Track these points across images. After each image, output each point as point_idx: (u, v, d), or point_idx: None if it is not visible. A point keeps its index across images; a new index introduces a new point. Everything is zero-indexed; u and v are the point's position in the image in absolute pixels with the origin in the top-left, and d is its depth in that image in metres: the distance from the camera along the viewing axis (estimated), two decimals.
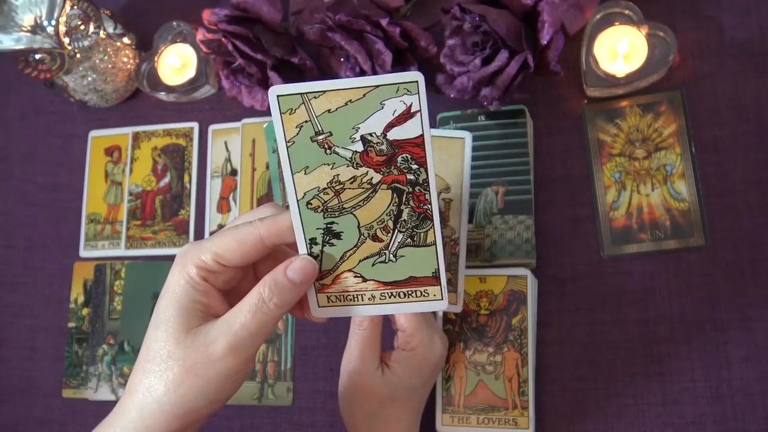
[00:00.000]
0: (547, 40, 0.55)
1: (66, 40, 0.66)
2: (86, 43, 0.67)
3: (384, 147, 0.37)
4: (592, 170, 0.59)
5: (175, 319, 0.37)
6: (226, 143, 0.68)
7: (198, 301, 0.38)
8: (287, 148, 0.37)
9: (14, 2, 0.64)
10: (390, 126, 0.36)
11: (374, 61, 0.60)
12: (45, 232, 0.72)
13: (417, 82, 0.35)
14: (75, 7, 0.66)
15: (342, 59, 0.63)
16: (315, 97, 0.36)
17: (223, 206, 0.67)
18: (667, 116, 0.58)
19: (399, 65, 0.60)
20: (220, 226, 0.67)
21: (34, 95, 0.76)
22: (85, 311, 0.69)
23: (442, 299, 0.40)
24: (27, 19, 0.65)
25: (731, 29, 0.59)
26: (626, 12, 0.58)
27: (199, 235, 0.67)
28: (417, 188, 0.38)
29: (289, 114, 0.36)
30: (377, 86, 0.35)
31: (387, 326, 0.52)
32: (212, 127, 0.69)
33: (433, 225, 0.38)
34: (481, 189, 0.59)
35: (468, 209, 0.48)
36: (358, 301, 0.40)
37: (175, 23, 0.69)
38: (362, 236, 0.39)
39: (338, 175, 0.38)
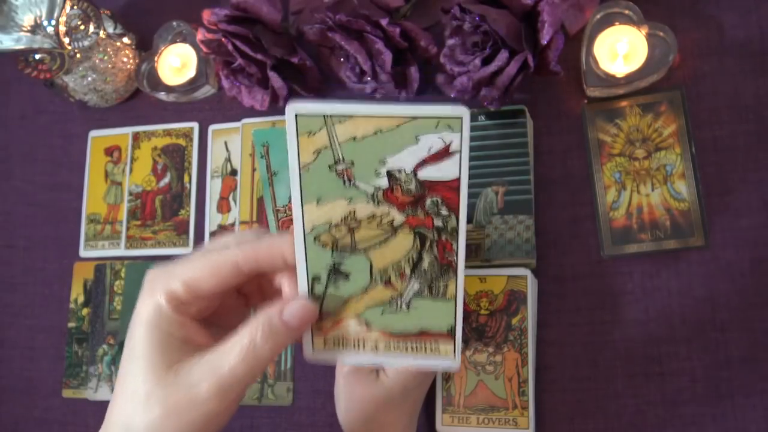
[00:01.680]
0: (547, 40, 0.55)
1: (66, 40, 0.66)
2: (86, 43, 0.67)
3: (413, 186, 0.33)
4: (592, 170, 0.59)
5: (151, 355, 0.34)
6: (226, 143, 0.68)
7: (173, 335, 0.34)
8: (300, 174, 0.33)
9: (14, 2, 0.64)
10: (423, 164, 0.32)
11: (374, 61, 0.60)
12: (45, 232, 0.72)
13: (461, 118, 0.31)
14: (75, 7, 0.66)
15: (342, 59, 0.63)
16: (340, 122, 0.31)
17: (223, 206, 0.67)
18: (667, 116, 0.58)
19: (399, 65, 0.60)
20: (221, 226, 0.67)
21: (34, 95, 0.76)
22: (85, 311, 0.68)
23: (455, 358, 0.36)
24: (27, 19, 0.65)
25: (731, 29, 0.59)
26: (626, 12, 0.58)
27: (199, 235, 0.67)
28: (444, 236, 0.34)
29: (308, 136, 0.32)
30: (414, 118, 0.31)
31: None
32: (212, 127, 0.69)
33: (456, 278, 0.34)
34: (481, 189, 0.59)
35: (465, 211, 0.46)
36: (359, 348, 0.36)
37: (175, 23, 0.69)
38: (374, 281, 0.35)
39: (355, 210, 0.34)
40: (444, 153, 0.32)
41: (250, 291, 0.37)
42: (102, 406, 0.66)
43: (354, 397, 0.49)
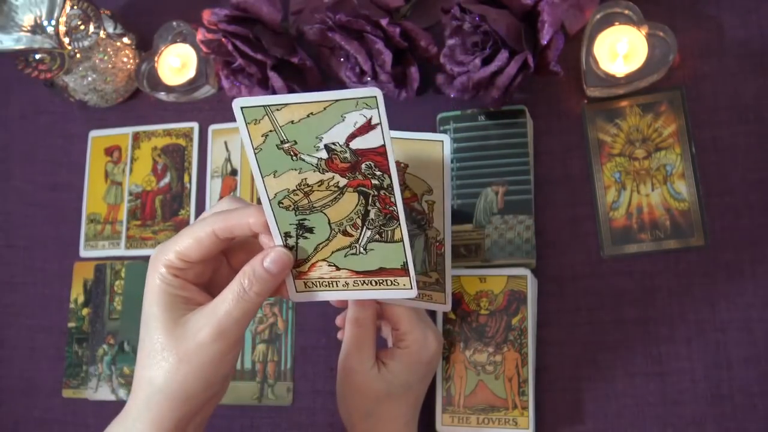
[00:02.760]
0: (547, 40, 0.55)
1: (66, 40, 0.66)
2: (86, 43, 0.67)
3: (348, 155, 0.39)
4: (592, 170, 0.59)
5: (160, 314, 0.40)
6: (226, 143, 0.68)
7: (177, 295, 0.41)
8: (255, 154, 0.40)
9: (14, 2, 0.64)
10: (352, 137, 0.38)
11: (374, 61, 0.60)
12: (45, 232, 0.72)
13: (375, 97, 0.37)
14: (75, 7, 0.66)
15: (342, 59, 0.63)
16: (278, 109, 0.38)
17: None
18: (667, 116, 0.58)
19: (399, 65, 0.61)
20: None
21: (34, 95, 0.76)
22: (85, 311, 0.69)
23: (412, 288, 0.43)
24: (27, 19, 0.65)
25: (731, 29, 0.59)
26: (626, 12, 0.58)
27: None
28: (382, 192, 0.40)
29: (254, 124, 0.39)
30: (336, 101, 0.37)
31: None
32: (212, 127, 0.69)
33: (399, 224, 0.41)
34: (481, 189, 0.59)
35: (450, 211, 0.49)
36: (333, 287, 0.43)
37: (175, 23, 0.69)
38: (333, 231, 0.42)
39: (306, 178, 0.40)
40: (367, 126, 0.38)
41: (241, 264, 0.42)
42: (102, 406, 0.66)
43: (355, 393, 0.49)
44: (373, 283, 0.43)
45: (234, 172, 0.67)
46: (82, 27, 0.67)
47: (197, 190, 0.69)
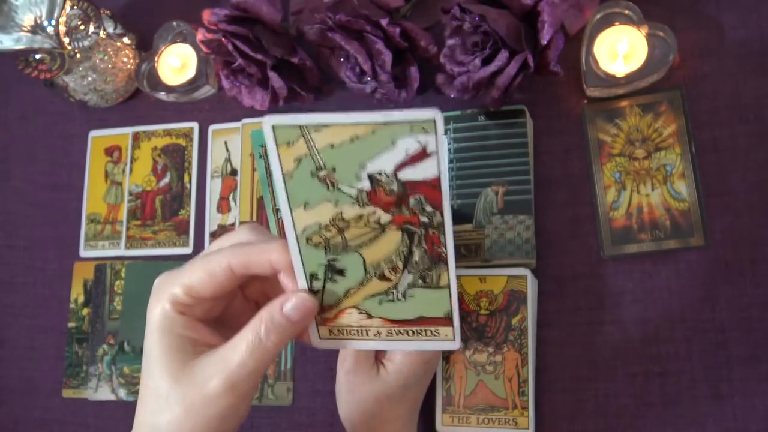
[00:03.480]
0: (547, 40, 0.55)
1: (66, 40, 0.66)
2: (86, 43, 0.67)
3: (394, 187, 0.34)
4: (592, 170, 0.59)
5: (165, 357, 0.36)
6: (226, 143, 0.68)
7: (183, 336, 0.36)
8: (285, 182, 0.34)
9: (14, 2, 0.64)
10: (402, 166, 0.33)
11: (374, 61, 0.60)
12: (45, 232, 0.72)
13: (434, 120, 0.31)
14: (75, 7, 0.66)
15: (342, 59, 0.63)
16: (316, 130, 0.32)
17: (224, 206, 0.67)
18: (667, 116, 0.58)
19: (399, 65, 0.61)
20: (221, 227, 0.67)
21: (34, 95, 0.76)
22: (85, 311, 0.69)
23: (454, 340, 0.38)
24: (27, 19, 0.65)
25: (731, 29, 0.59)
26: (626, 12, 0.58)
27: (199, 235, 0.67)
28: (431, 230, 0.35)
29: (287, 147, 0.33)
30: (387, 123, 0.32)
31: None
32: (212, 127, 0.69)
33: (447, 268, 0.36)
34: (481, 189, 0.59)
35: (450, 212, 0.45)
36: (362, 336, 0.39)
37: (175, 23, 0.69)
38: (368, 275, 0.37)
39: (342, 212, 0.35)
40: (421, 155, 0.32)
41: (257, 295, 0.38)
42: (102, 406, 0.67)
43: (355, 393, 0.49)
44: (411, 333, 0.38)
45: (234, 172, 0.67)
46: (82, 27, 0.66)
47: (197, 190, 0.69)
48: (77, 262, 0.70)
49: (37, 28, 0.65)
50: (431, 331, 0.38)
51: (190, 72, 0.68)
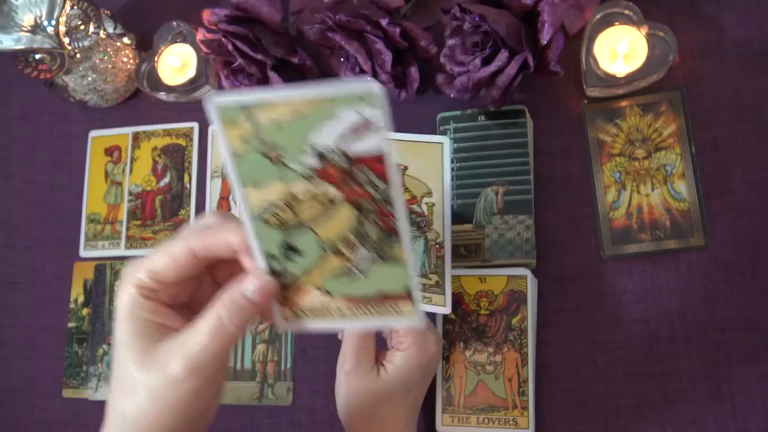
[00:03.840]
0: (547, 40, 0.55)
1: (66, 40, 0.66)
2: (86, 43, 0.67)
3: (342, 162, 0.33)
4: (592, 170, 0.59)
5: (130, 341, 0.36)
6: None
7: (149, 320, 0.36)
8: (234, 162, 0.34)
9: (14, 2, 0.64)
10: (346, 139, 0.32)
11: (374, 61, 0.60)
12: (45, 232, 0.72)
13: (376, 94, 0.30)
14: (75, 7, 0.66)
15: (342, 59, 0.63)
16: (261, 109, 0.32)
17: (223, 206, 0.67)
18: (667, 116, 0.58)
19: (399, 65, 0.61)
20: None
21: (34, 95, 0.76)
22: (85, 311, 0.69)
23: (415, 315, 0.37)
24: (27, 19, 0.65)
25: (731, 29, 0.59)
26: (626, 12, 0.58)
27: None
28: (381, 205, 0.34)
29: (233, 126, 0.33)
30: (331, 98, 0.31)
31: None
32: (212, 127, 0.69)
33: (401, 242, 0.35)
34: (481, 189, 0.59)
35: (450, 213, 0.46)
36: (327, 315, 0.38)
37: (175, 23, 0.69)
38: (324, 252, 0.36)
39: (293, 190, 0.35)
40: (365, 127, 0.32)
41: (226, 279, 0.38)
42: (102, 406, 0.66)
43: (355, 394, 0.49)
44: (373, 311, 0.38)
45: None
46: (82, 27, 0.66)
47: (197, 190, 0.69)
48: (77, 262, 0.70)
49: (37, 28, 0.65)
50: (393, 307, 0.37)
51: (190, 72, 0.68)
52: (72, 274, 0.70)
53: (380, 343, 0.52)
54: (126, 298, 0.36)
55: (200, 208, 0.68)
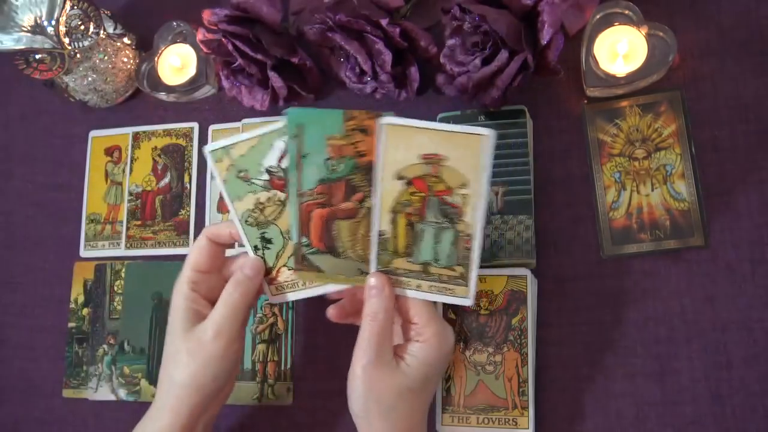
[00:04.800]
0: (547, 40, 0.55)
1: (66, 40, 0.66)
2: (86, 43, 0.67)
3: (281, 173, 0.50)
4: (592, 170, 0.59)
5: (177, 324, 0.51)
6: None
7: (190, 308, 0.51)
8: (225, 185, 0.50)
9: (14, 2, 0.64)
10: (281, 158, 0.49)
11: (374, 61, 0.60)
12: (45, 232, 0.72)
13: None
14: (75, 7, 0.66)
15: (342, 59, 0.63)
16: (232, 148, 0.50)
17: (223, 206, 0.67)
18: (666, 116, 0.58)
19: (399, 65, 0.61)
20: None
21: (34, 95, 0.76)
22: (85, 311, 0.69)
23: (354, 282, 0.50)
24: (27, 19, 0.65)
25: (731, 29, 0.59)
26: (626, 12, 0.58)
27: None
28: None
29: (219, 162, 0.50)
30: (264, 134, 0.49)
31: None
32: (212, 127, 0.69)
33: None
34: None
35: (486, 207, 0.49)
36: (297, 287, 0.52)
37: (175, 23, 0.69)
38: (285, 239, 0.51)
39: (259, 198, 0.51)
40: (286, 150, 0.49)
41: None
42: (102, 406, 0.67)
43: (374, 388, 0.48)
44: (323, 279, 0.51)
45: None
46: (82, 27, 0.66)
47: (197, 190, 0.69)
48: (77, 262, 0.70)
49: (37, 28, 0.65)
50: (338, 278, 0.51)
51: (190, 72, 0.68)
52: (72, 274, 0.70)
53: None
54: (179, 293, 0.51)
55: (200, 208, 0.68)
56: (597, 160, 0.59)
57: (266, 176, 0.50)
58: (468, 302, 0.50)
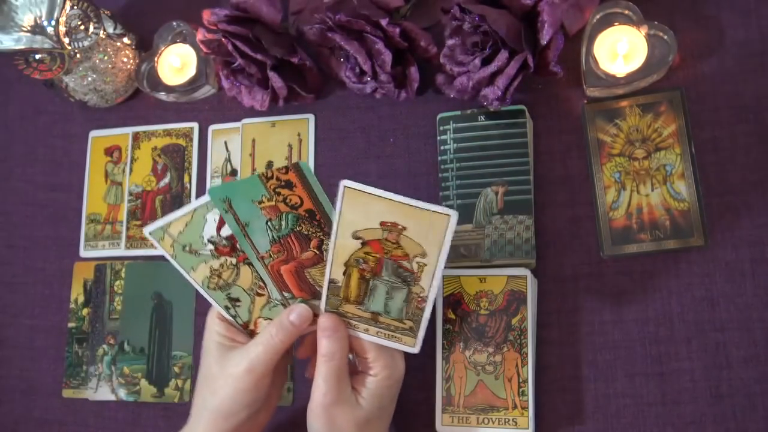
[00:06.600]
0: (547, 40, 0.55)
1: (66, 40, 0.66)
2: (86, 43, 0.67)
3: (224, 242, 0.52)
4: (592, 170, 0.59)
5: (212, 350, 0.52)
6: (226, 143, 0.68)
7: (224, 335, 0.53)
8: (175, 260, 0.52)
9: (14, 2, 0.64)
10: (220, 228, 0.51)
11: (374, 61, 0.60)
12: (45, 232, 0.72)
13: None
14: (75, 7, 0.66)
15: (342, 59, 0.63)
16: (169, 226, 0.51)
17: None
18: (666, 116, 0.58)
19: (399, 65, 0.61)
20: None
21: (34, 95, 0.76)
22: (85, 311, 0.69)
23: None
24: (27, 19, 0.65)
25: (731, 29, 0.59)
26: (626, 12, 0.58)
27: None
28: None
29: (162, 240, 0.51)
30: (197, 208, 0.51)
31: None
32: (212, 127, 0.69)
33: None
34: (481, 189, 0.59)
35: (441, 280, 0.55)
36: None
37: (175, 23, 0.69)
38: (251, 296, 0.53)
39: (212, 266, 0.52)
40: (222, 221, 0.51)
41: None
42: (102, 406, 0.67)
43: (336, 425, 0.49)
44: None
45: (234, 173, 0.67)
46: (82, 27, 0.67)
47: (197, 191, 0.69)
48: (77, 262, 0.70)
49: (37, 28, 0.65)
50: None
51: (190, 72, 0.68)
52: (72, 274, 0.70)
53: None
54: (212, 325, 0.53)
55: None
56: (597, 160, 0.59)
57: (211, 246, 0.51)
58: (414, 351, 0.52)
